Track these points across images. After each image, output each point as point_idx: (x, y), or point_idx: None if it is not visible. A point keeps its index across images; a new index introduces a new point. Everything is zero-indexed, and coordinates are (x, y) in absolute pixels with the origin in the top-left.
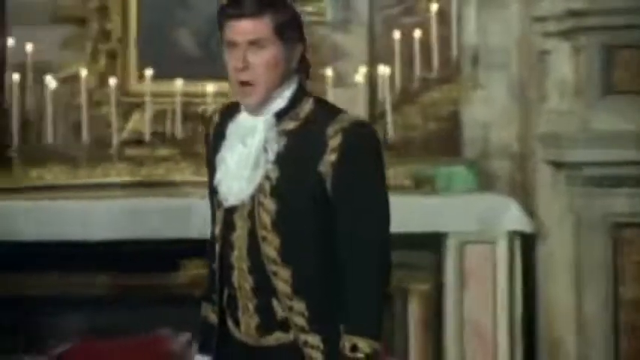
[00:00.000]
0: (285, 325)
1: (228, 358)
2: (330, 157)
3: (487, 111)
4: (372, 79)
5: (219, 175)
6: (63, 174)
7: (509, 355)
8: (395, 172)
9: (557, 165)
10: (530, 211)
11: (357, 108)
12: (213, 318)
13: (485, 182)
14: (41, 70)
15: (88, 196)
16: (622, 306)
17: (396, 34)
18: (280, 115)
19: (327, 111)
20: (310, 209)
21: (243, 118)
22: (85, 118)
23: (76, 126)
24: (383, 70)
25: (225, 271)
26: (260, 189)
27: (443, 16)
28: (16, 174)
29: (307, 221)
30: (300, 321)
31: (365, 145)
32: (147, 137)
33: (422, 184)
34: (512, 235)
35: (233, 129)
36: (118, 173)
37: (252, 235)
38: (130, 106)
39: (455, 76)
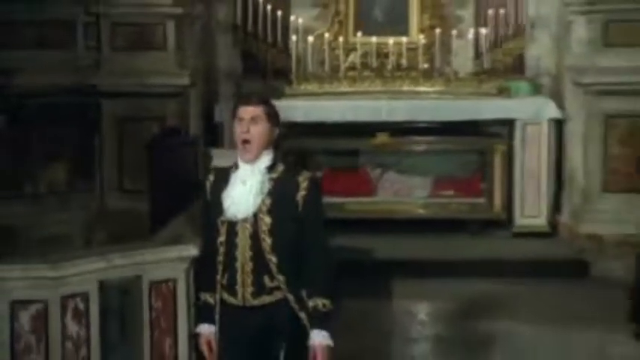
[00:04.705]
0: (269, 291)
1: (227, 319)
2: (302, 192)
3: (538, 51)
4: (477, 35)
5: (227, 204)
6: (315, 86)
7: (547, 183)
8: (487, 87)
9: (576, 83)
10: (561, 107)
11: (468, 51)
12: (210, 299)
13: (537, 90)
14: (306, 32)
15: (329, 98)
16: (609, 158)
17: (490, 12)
18: (268, 169)
19: (292, 170)
20: (289, 222)
21: (243, 168)
22: (326, 56)
23: (321, 61)
24: (483, 30)
25: (229, 261)
26: (259, 209)
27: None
28: (294, 87)
29: (287, 228)
30: (284, 287)
31: (319, 187)
32: (358, 66)
33: (503, 92)
34: (551, 119)
35: (235, 176)
36: (344, 86)
37: (254, 237)
38: (349, 50)
39: (523, 32)
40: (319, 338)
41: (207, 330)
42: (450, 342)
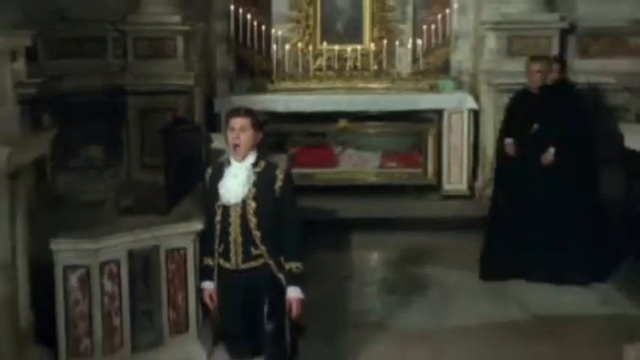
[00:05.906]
0: (255, 258)
1: (223, 279)
2: (279, 182)
3: (460, 57)
4: (414, 44)
5: (222, 191)
6: (291, 83)
7: (467, 158)
8: (422, 84)
9: (488, 83)
10: (477, 100)
11: (408, 56)
12: (211, 262)
13: (459, 87)
14: (284, 42)
15: (302, 92)
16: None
17: (424, 27)
18: (253, 165)
19: (271, 164)
20: (270, 204)
21: (234, 165)
22: (300, 60)
23: (296, 63)
24: (419, 41)
25: (224, 235)
26: (247, 196)
27: (444, 16)
28: (275, 84)
29: (269, 209)
30: (266, 255)
31: (291, 178)
32: (324, 68)
33: (434, 88)
34: (469, 110)
35: (229, 171)
36: (313, 83)
37: (243, 217)
38: (317, 55)
39: (449, 42)
40: (294, 293)
41: (209, 286)
42: (394, 283)
